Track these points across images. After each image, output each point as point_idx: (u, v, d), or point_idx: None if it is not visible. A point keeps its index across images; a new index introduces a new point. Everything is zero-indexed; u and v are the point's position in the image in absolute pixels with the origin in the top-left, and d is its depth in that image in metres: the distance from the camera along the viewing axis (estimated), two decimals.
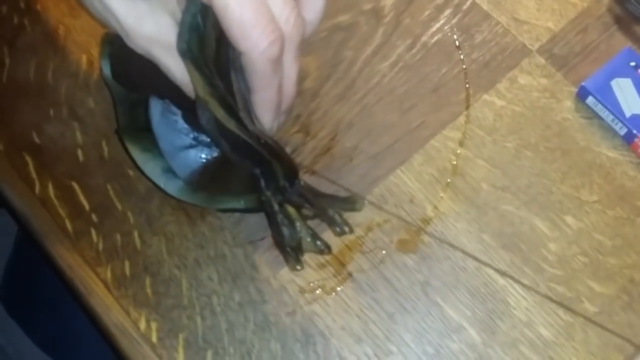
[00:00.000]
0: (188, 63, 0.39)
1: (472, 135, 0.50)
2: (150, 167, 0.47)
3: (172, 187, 0.47)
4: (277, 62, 0.39)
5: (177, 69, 0.40)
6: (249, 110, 0.42)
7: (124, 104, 0.49)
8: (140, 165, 0.47)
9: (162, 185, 0.47)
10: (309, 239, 0.46)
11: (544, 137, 0.50)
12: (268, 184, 0.45)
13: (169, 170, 0.47)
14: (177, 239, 0.48)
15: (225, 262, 0.48)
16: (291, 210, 0.46)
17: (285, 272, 0.47)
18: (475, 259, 0.47)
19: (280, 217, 0.45)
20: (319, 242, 0.46)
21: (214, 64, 0.40)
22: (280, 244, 0.46)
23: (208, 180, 0.47)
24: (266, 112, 0.42)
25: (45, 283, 0.77)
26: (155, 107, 0.47)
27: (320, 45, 0.54)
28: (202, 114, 0.40)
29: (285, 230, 0.45)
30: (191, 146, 0.47)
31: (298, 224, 0.46)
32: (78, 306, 0.61)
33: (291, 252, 0.46)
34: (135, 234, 0.49)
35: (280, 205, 0.46)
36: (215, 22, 0.37)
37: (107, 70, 0.48)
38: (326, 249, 0.46)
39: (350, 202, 0.48)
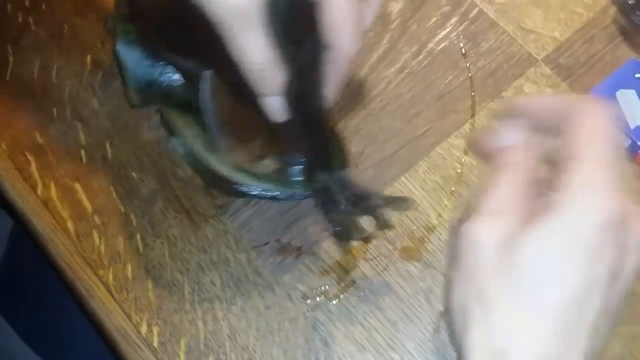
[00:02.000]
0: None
1: None
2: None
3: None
4: None
5: (253, 49, 0.39)
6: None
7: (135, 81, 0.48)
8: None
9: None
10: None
11: None
12: (323, 170, 0.44)
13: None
14: (180, 243, 0.48)
15: (229, 267, 0.47)
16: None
17: (288, 279, 0.47)
18: None
19: (337, 201, 0.43)
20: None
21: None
22: (338, 229, 0.44)
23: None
24: (350, 32, 0.41)
25: (38, 283, 0.76)
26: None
27: None
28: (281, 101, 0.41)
29: (338, 213, 0.44)
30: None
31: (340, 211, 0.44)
32: (73, 307, 0.61)
33: (343, 234, 0.44)
34: (138, 236, 0.49)
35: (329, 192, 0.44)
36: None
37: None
38: (370, 237, 0.46)
39: (402, 201, 0.45)
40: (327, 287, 0.47)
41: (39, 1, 0.56)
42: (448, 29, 0.54)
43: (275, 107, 0.41)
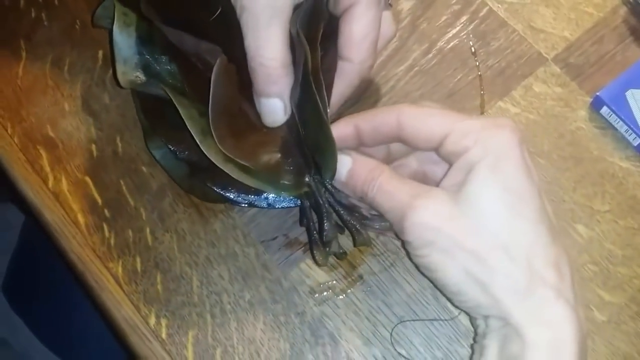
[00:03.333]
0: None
1: None
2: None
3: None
4: None
5: (273, 44, 0.40)
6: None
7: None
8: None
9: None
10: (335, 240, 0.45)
11: (558, 146, 0.50)
12: (312, 176, 0.44)
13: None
14: (188, 237, 0.49)
15: (237, 261, 0.48)
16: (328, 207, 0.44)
17: (295, 273, 0.47)
18: None
19: (325, 209, 0.43)
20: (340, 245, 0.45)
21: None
22: (316, 238, 0.44)
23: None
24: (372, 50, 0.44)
25: (49, 278, 0.77)
26: None
27: None
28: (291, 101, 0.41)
29: (326, 225, 0.43)
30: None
31: (332, 222, 0.44)
32: (83, 301, 0.61)
33: (322, 246, 0.44)
34: (147, 230, 0.49)
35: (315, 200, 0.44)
36: None
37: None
38: (344, 254, 0.46)
39: (382, 221, 0.44)
40: (334, 282, 0.47)
41: None
42: (458, 28, 0.54)
43: (274, 109, 0.42)
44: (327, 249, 0.44)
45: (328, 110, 0.42)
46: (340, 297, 0.47)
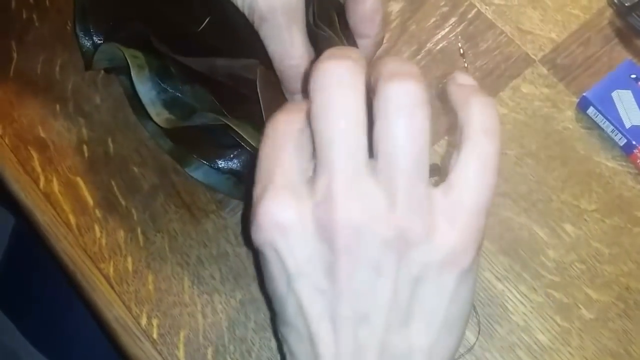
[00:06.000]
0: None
1: None
2: None
3: None
4: None
5: (295, 45, 0.40)
6: None
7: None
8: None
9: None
10: None
11: (545, 146, 0.51)
12: None
13: None
14: (180, 237, 0.49)
15: (228, 260, 0.48)
16: None
17: None
18: None
19: None
20: None
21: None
22: None
23: None
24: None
25: (41, 280, 0.77)
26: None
27: None
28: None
29: None
30: None
31: None
32: (74, 305, 0.61)
33: None
34: (139, 230, 0.49)
35: None
36: None
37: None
38: None
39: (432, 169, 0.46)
40: None
41: None
42: (447, 30, 0.55)
43: None
44: None
45: None
46: None
